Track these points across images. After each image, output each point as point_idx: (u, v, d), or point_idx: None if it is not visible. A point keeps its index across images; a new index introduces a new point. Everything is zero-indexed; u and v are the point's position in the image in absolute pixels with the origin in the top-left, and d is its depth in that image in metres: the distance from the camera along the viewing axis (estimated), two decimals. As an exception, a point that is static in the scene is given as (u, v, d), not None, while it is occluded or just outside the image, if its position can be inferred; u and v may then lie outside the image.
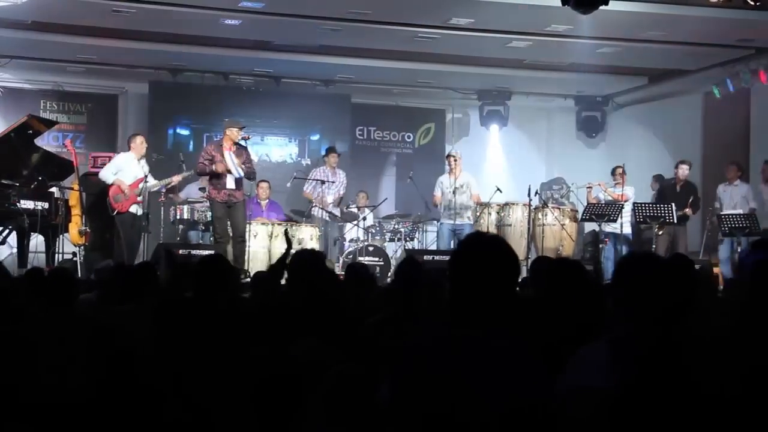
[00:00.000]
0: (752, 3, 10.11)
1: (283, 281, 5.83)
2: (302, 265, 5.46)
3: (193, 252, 10.85)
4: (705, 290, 5.48)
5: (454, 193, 12.64)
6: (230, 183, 11.08)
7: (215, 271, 4.99)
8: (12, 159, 11.15)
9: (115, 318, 5.56)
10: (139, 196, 11.50)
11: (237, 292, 5.46)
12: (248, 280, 8.64)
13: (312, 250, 6.25)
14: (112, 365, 5.06)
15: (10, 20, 12.59)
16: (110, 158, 12.20)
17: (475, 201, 12.82)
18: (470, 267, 2.75)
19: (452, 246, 12.50)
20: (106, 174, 11.56)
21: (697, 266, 7.88)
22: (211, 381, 4.25)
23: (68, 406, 4.76)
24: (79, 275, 10.31)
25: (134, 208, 11.47)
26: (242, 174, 11.17)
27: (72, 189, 11.75)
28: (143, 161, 11.77)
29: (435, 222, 13.59)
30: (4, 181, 11.05)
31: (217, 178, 11.11)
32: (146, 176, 11.57)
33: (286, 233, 6.61)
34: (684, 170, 13.39)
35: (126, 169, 11.58)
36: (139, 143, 11.88)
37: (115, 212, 11.37)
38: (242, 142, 11.43)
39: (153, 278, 6.00)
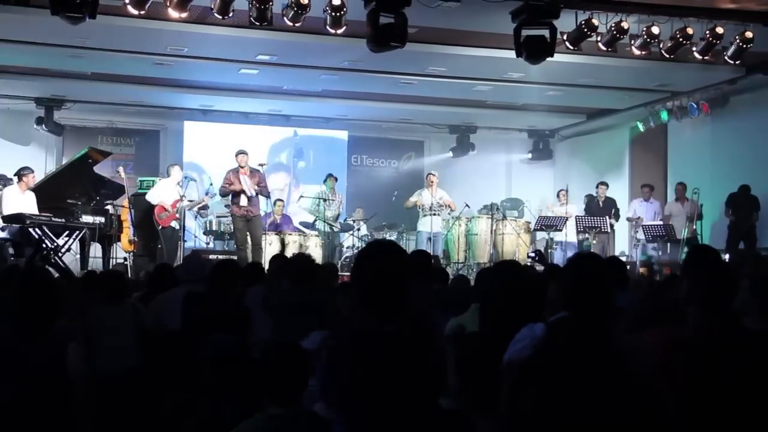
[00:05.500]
0: (667, 56, 10.16)
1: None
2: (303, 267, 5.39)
3: (220, 257, 10.78)
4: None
5: (431, 205, 12.60)
6: (244, 201, 11.14)
7: (225, 271, 5.17)
8: (75, 183, 11.21)
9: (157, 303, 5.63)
10: (177, 213, 11.55)
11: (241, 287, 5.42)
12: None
13: (307, 256, 5.94)
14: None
15: (74, 72, 12.77)
16: (153, 182, 12.27)
17: (448, 205, 12.75)
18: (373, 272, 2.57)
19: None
20: (152, 196, 11.66)
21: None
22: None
23: (120, 380, 4.80)
24: (129, 276, 10.32)
25: (173, 224, 11.53)
26: (254, 193, 11.19)
27: (123, 206, 11.85)
28: (179, 186, 11.81)
29: (414, 231, 13.40)
30: (69, 200, 11.06)
31: (236, 197, 11.17)
32: (182, 197, 11.61)
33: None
34: (602, 189, 13.58)
35: (166, 192, 11.65)
36: (177, 171, 12.03)
37: (159, 227, 11.45)
38: (258, 167, 11.48)
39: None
